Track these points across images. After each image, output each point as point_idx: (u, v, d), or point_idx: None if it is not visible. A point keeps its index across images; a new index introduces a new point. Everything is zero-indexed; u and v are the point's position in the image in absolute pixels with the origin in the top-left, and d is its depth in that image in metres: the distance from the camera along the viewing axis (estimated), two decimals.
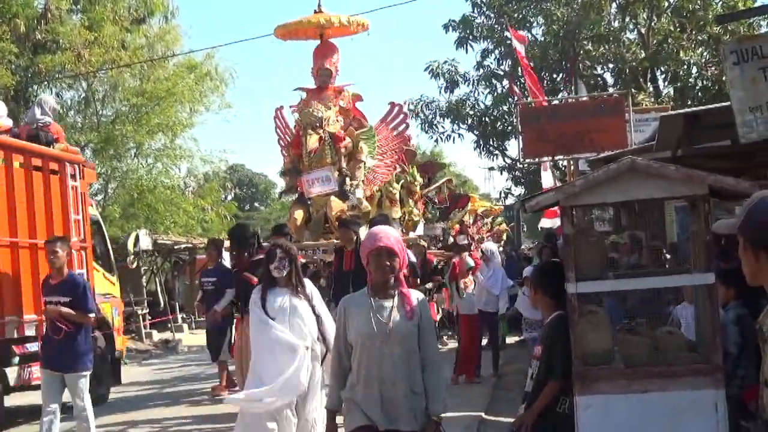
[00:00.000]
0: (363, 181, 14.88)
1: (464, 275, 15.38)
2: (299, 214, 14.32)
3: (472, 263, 15.51)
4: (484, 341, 16.16)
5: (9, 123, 13.25)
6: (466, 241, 17.86)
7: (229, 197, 40.83)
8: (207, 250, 16.38)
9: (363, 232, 11.89)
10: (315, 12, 15.50)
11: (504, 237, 31.35)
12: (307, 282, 9.05)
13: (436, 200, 24.30)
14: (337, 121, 14.73)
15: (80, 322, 10.20)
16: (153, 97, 28.85)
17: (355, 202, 14.70)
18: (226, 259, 18.11)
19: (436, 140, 35.22)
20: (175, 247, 30.63)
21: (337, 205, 14.07)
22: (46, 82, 28.82)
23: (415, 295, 5.71)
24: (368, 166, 15.02)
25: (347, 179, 14.40)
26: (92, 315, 10.61)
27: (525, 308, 14.45)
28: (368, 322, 5.52)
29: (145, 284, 30.73)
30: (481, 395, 14.17)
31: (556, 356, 6.12)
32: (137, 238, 26.94)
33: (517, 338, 19.21)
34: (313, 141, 14.15)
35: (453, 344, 18.12)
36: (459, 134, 34.51)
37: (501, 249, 26.82)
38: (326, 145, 14.29)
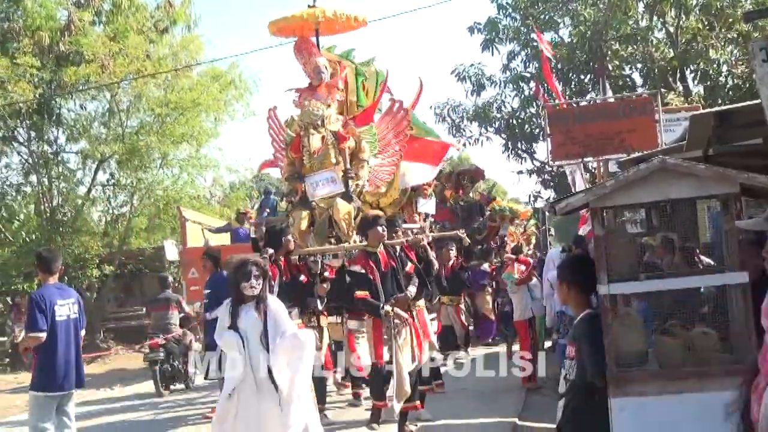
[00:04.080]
0: (367, 181, 14.38)
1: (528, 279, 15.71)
2: (303, 218, 13.71)
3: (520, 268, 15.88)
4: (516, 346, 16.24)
5: None
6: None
7: (256, 206, 40.62)
8: (202, 262, 16.07)
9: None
10: (309, 7, 14.74)
11: (533, 240, 31.10)
12: (271, 299, 9.06)
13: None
14: (338, 119, 14.15)
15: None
16: (177, 107, 28.83)
17: (360, 205, 14.17)
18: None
19: (464, 144, 35.05)
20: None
21: (344, 207, 13.49)
22: (69, 94, 28.97)
23: None
24: (371, 165, 14.51)
25: (350, 180, 13.81)
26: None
27: (547, 295, 15.03)
28: None
29: None
30: (515, 401, 14.15)
31: (588, 357, 6.09)
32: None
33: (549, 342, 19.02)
34: (316, 141, 13.59)
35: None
36: (487, 137, 34.45)
37: (531, 252, 26.68)
38: (329, 145, 13.70)
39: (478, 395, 14.33)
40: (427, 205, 18.46)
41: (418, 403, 11.76)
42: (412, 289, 11.81)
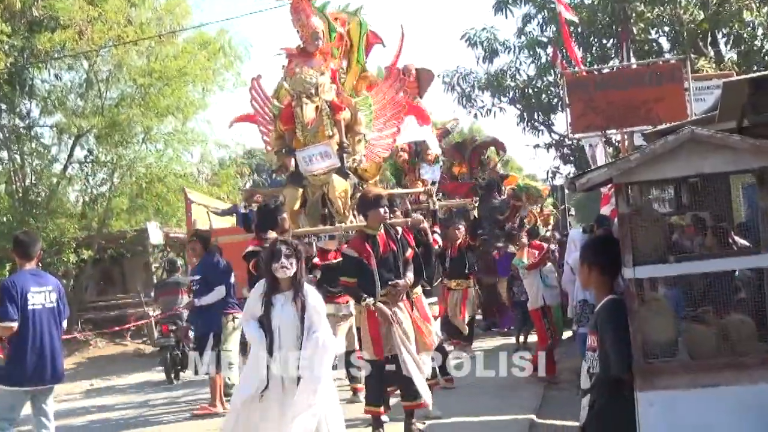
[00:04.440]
0: (364, 156, 14.44)
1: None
2: (295, 197, 13.71)
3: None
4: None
5: None
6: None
7: (248, 184, 40.51)
8: (189, 245, 16.14)
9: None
10: None
11: (551, 221, 31.01)
12: (310, 291, 8.99)
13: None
14: (331, 88, 14.00)
15: None
16: (162, 77, 28.66)
17: (356, 182, 14.35)
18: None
19: (475, 115, 35.16)
20: None
21: (340, 183, 13.57)
22: (43, 63, 28.73)
23: None
24: (367, 138, 14.55)
25: (345, 155, 13.84)
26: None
27: (567, 281, 15.06)
28: None
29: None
30: (532, 396, 14.16)
31: (612, 347, 6.08)
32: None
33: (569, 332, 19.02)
34: (310, 111, 13.50)
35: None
36: (500, 108, 34.41)
37: (549, 234, 26.65)
38: (324, 116, 13.63)
39: (491, 390, 14.26)
40: (432, 172, 19.11)
41: (423, 401, 11.47)
42: (410, 276, 11.69)
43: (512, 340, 19.76)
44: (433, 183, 19.33)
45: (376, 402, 11.46)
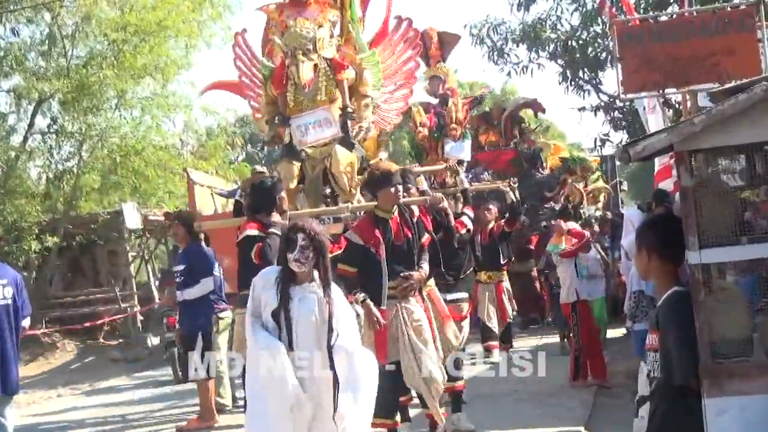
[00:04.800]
0: (372, 123, 14.35)
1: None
2: (291, 173, 13.62)
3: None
4: None
5: None
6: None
7: (240, 157, 40.33)
8: (171, 229, 16.17)
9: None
10: None
11: (601, 198, 30.81)
12: (335, 288, 8.83)
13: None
14: (331, 43, 13.95)
15: None
16: (138, 32, 28.42)
17: (363, 154, 14.25)
18: None
19: (509, 73, 34.81)
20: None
21: (344, 156, 13.47)
22: None
23: None
24: (375, 102, 14.46)
25: (350, 122, 13.73)
26: None
27: (625, 269, 15.19)
28: None
29: (134, 274, 30.87)
30: (580, 404, 14.20)
31: (676, 349, 6.02)
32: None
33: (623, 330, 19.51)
34: (307, 70, 13.32)
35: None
36: (538, 65, 34.07)
37: (599, 213, 26.58)
38: (323, 76, 13.52)
39: (532, 398, 14.32)
40: (459, 149, 19.24)
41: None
42: (426, 268, 11.55)
43: (556, 338, 19.81)
44: (461, 162, 19.30)
45: (387, 413, 11.14)
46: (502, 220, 17.80)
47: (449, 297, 13.38)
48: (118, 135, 29.75)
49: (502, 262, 18.00)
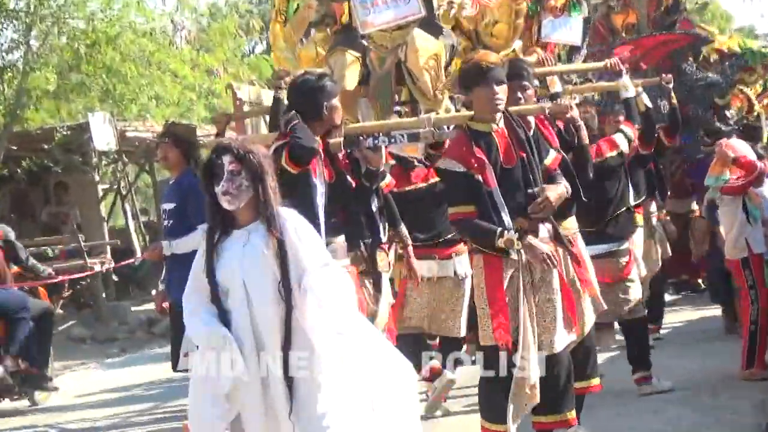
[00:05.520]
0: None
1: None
2: (349, 68, 11.93)
3: None
4: None
5: None
6: None
7: (258, 48, 38.84)
8: (161, 148, 13.55)
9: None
10: None
11: None
12: (286, 212, 7.22)
13: None
14: None
15: None
16: None
17: (455, 42, 12.47)
18: None
19: None
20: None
21: (427, 45, 11.73)
22: None
23: None
24: None
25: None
26: None
27: None
28: None
29: (106, 218, 28.58)
30: (751, 407, 12.09)
31: None
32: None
33: None
34: None
35: None
36: None
37: None
38: None
39: (686, 397, 12.52)
40: (566, 32, 16.13)
41: (569, 415, 9.49)
42: (566, 185, 9.64)
43: (717, 311, 17.95)
44: (576, 49, 16.78)
45: (499, 418, 9.29)
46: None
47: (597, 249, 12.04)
48: (83, 16, 26.23)
49: (631, 200, 14.90)
